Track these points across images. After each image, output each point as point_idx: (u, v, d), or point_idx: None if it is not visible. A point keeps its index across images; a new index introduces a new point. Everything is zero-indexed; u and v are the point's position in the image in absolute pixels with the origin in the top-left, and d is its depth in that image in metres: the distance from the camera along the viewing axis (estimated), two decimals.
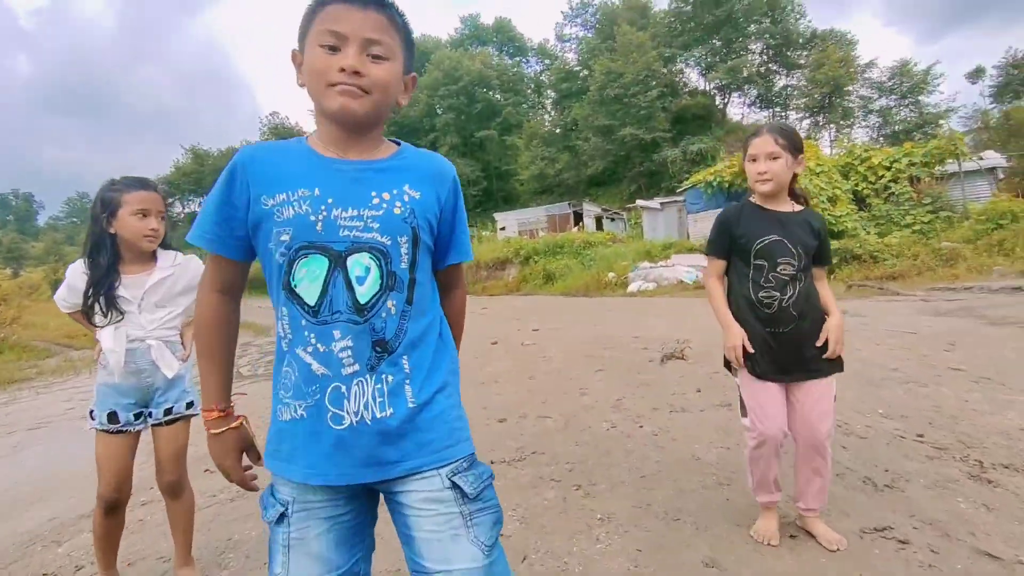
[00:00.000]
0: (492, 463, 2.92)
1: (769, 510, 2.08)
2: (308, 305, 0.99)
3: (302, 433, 1.01)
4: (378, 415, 0.99)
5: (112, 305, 1.97)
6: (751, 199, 2.10)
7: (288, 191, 1.00)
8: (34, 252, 61.26)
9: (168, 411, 2.05)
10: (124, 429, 2.00)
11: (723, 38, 39.36)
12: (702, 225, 18.47)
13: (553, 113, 48.85)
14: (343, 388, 0.98)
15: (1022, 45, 57.42)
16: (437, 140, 45.59)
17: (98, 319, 1.99)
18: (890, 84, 36.43)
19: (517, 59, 55.67)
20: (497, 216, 34.60)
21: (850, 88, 35.46)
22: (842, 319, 2.02)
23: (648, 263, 16.95)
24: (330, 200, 1.00)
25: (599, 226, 30.66)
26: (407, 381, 1.02)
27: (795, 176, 2.03)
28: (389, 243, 1.01)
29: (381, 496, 1.09)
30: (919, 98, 36.10)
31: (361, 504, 1.07)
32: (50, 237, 67.27)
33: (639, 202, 24.21)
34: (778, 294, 1.97)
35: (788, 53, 39.49)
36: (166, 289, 2.07)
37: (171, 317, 2.08)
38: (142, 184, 2.04)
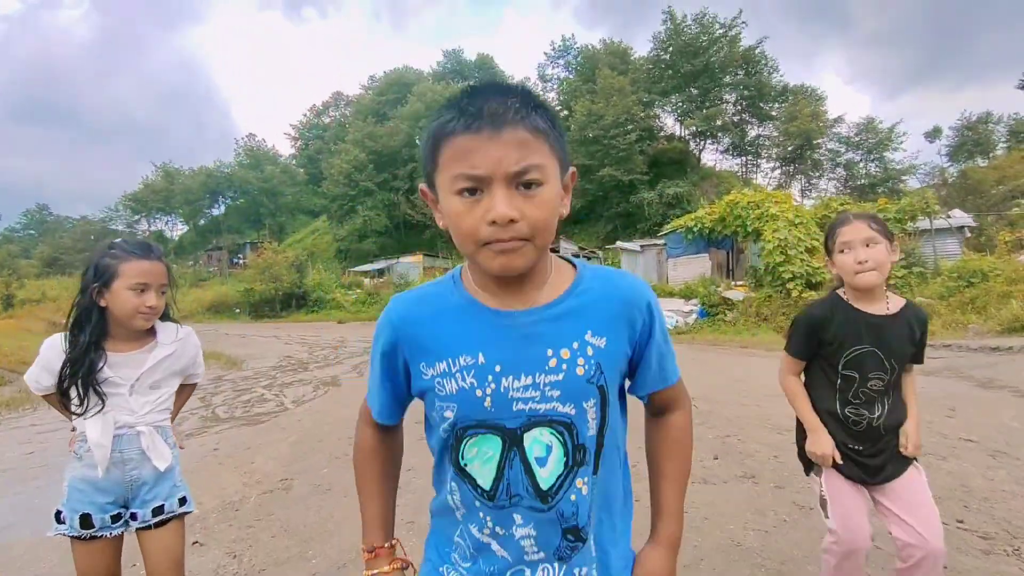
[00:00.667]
0: None
1: None
2: (482, 488, 0.85)
3: None
4: None
5: (91, 389, 1.65)
6: (842, 294, 1.90)
7: (449, 359, 0.85)
8: None
9: (158, 510, 1.73)
10: (100, 534, 1.68)
11: (699, 87, 40.64)
12: (682, 270, 18.67)
13: None
14: (527, 572, 0.83)
15: (975, 108, 61.12)
16: (415, 171, 45.62)
17: (73, 405, 1.67)
18: (857, 139, 38.05)
19: None
20: None
21: (820, 141, 36.87)
22: (920, 418, 1.88)
23: None
24: (498, 368, 0.83)
25: None
26: (595, 565, 0.85)
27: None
28: (574, 413, 0.84)
29: None
30: (884, 154, 37.75)
31: None
32: (4, 249, 64.37)
33: (619, 243, 24.43)
34: (867, 412, 1.79)
35: (761, 105, 40.98)
36: (165, 368, 1.79)
37: (165, 399, 1.80)
38: (144, 252, 1.73)
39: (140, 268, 1.68)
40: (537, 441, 0.82)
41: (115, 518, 1.70)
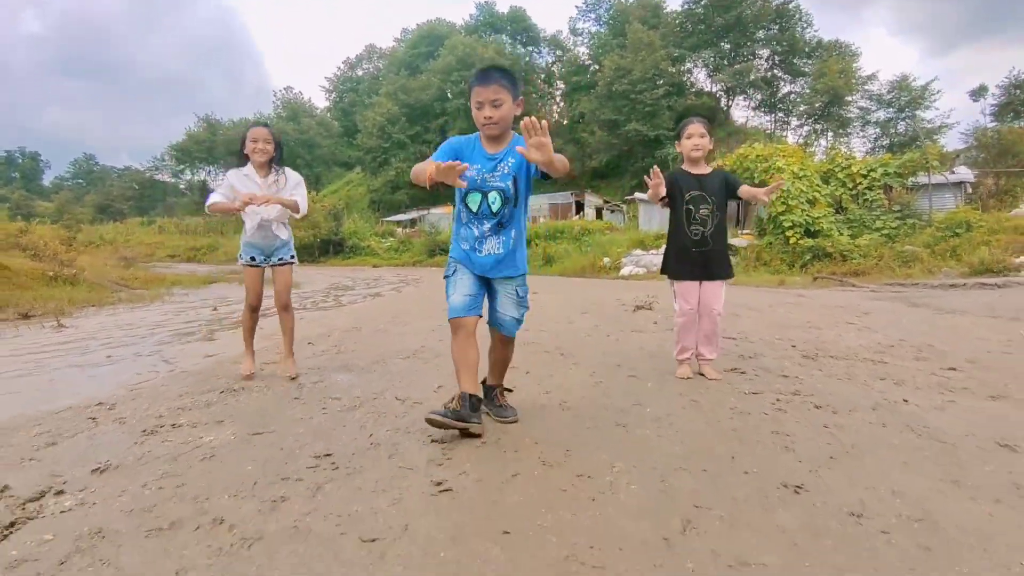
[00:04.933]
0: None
1: (685, 364, 3.44)
2: (472, 210, 2.39)
3: (466, 254, 2.43)
4: (495, 252, 2.39)
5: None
6: (683, 166, 3.44)
7: (471, 165, 2.30)
8: (44, 211, 61.97)
9: (280, 260, 3.49)
10: (256, 265, 3.44)
11: (732, 42, 40.48)
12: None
13: (562, 104, 49.84)
14: (481, 242, 2.39)
15: None
16: (446, 124, 46.59)
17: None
18: (888, 97, 37.65)
19: (529, 49, 56.54)
20: None
21: (849, 99, 36.62)
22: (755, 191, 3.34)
23: (640, 251, 18.33)
24: (483, 170, 2.35)
25: (599, 216, 31.98)
26: (508, 241, 2.41)
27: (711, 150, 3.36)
28: (505, 186, 2.36)
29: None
30: (916, 113, 37.31)
31: (481, 281, 2.45)
32: (62, 196, 68.02)
33: (636, 195, 25.53)
34: (701, 228, 3.32)
35: (794, 60, 40.62)
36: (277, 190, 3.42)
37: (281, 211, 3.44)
38: (255, 125, 3.46)
39: (254, 132, 3.37)
40: (493, 196, 2.34)
41: (264, 258, 3.44)
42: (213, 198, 3.34)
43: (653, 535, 1.52)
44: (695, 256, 3.35)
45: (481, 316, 2.47)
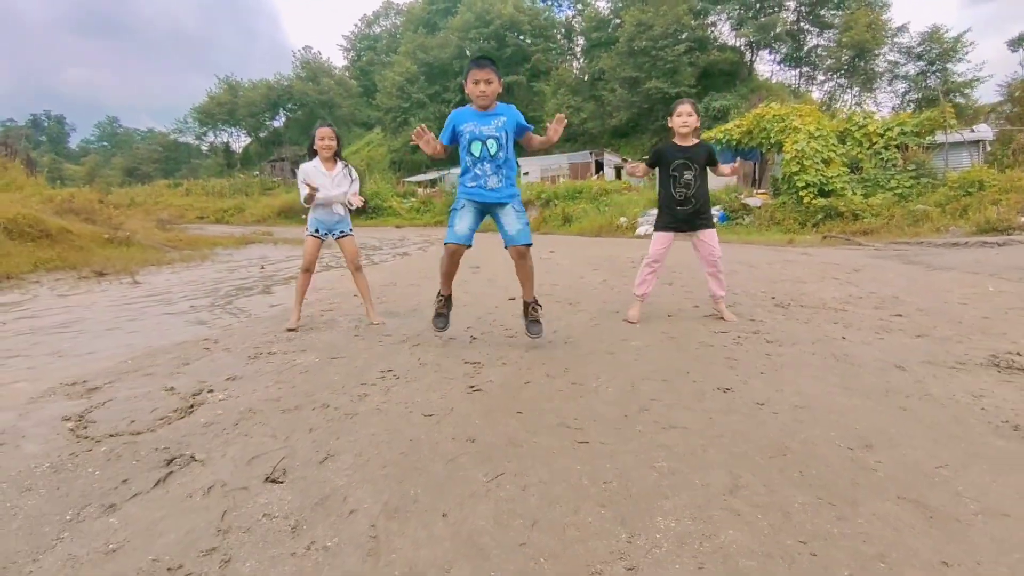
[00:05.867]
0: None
1: (640, 302, 4.15)
2: (475, 155, 3.18)
3: (474, 189, 3.20)
4: (497, 186, 3.20)
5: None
6: (673, 140, 4.07)
7: (467, 123, 3.17)
8: (76, 174, 63.59)
9: (343, 233, 4.15)
10: (318, 236, 4.11)
11: None
12: (710, 179, 20.09)
13: (582, 61, 49.20)
14: (485, 179, 3.18)
15: None
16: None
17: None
18: (919, 50, 36.49)
19: (549, 2, 55.45)
20: (521, 162, 36.11)
21: (877, 52, 35.63)
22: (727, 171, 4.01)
23: (657, 210, 18.80)
24: (480, 124, 3.16)
25: (618, 176, 32.18)
26: (504, 177, 3.20)
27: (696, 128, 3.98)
28: (499, 135, 3.16)
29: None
30: (947, 65, 36.17)
31: (480, 212, 3.28)
32: (92, 160, 69.63)
33: None
34: (685, 190, 3.98)
35: (821, 12, 39.42)
36: (340, 177, 4.09)
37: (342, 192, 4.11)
38: (321, 124, 4.13)
39: (321, 132, 4.04)
40: (491, 142, 3.18)
41: (324, 232, 4.12)
42: (304, 193, 3.93)
43: (618, 414, 2.27)
44: (679, 213, 4.03)
45: (471, 246, 3.30)
